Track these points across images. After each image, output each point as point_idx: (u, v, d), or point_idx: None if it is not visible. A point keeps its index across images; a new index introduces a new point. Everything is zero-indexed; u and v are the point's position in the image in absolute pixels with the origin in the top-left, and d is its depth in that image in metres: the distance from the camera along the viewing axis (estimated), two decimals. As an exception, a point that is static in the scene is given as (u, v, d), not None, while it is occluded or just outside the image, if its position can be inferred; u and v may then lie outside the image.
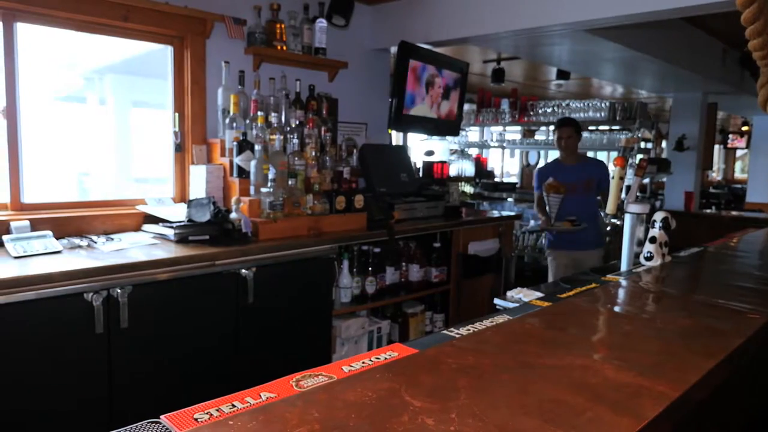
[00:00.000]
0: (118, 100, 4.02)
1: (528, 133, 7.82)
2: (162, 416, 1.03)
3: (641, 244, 2.36)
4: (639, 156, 4.98)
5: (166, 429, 0.99)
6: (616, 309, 1.82)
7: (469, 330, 1.52)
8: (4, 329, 1.89)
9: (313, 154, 3.03)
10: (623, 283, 2.07)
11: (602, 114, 5.37)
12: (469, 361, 1.29)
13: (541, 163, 8.50)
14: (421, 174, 4.21)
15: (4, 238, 2.30)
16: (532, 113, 5.93)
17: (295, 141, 3.02)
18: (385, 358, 1.30)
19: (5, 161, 2.53)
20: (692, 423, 1.37)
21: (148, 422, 1.02)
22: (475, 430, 0.96)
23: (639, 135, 5.07)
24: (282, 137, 2.95)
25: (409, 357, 1.32)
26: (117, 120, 4.00)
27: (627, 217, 2.38)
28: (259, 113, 2.90)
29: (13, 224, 2.40)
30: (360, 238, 3.06)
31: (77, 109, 3.80)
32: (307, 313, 2.77)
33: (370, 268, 3.17)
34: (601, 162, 3.91)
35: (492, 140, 6.93)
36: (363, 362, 1.27)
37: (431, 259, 3.52)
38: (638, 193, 2.41)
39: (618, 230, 4.33)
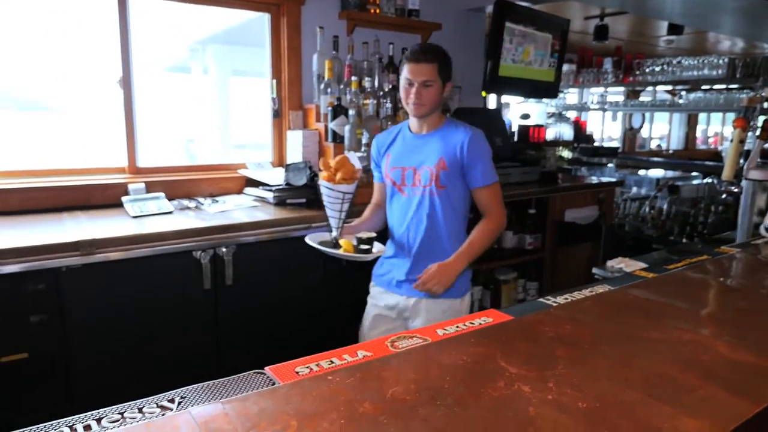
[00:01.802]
0: (220, 69, 4.20)
1: (632, 94, 7.32)
2: (266, 368, 1.08)
3: (762, 214, 2.16)
4: (762, 117, 4.51)
5: (270, 380, 1.04)
6: (730, 283, 1.69)
7: (566, 299, 1.47)
8: (124, 282, 2.07)
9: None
10: (739, 255, 1.91)
11: (719, 72, 4.89)
12: (567, 331, 1.25)
13: (638, 123, 7.85)
14: (516, 138, 4.08)
15: (124, 199, 2.51)
16: (638, 72, 5.52)
17: (388, 105, 3.01)
18: (480, 324, 1.29)
19: (122, 128, 2.73)
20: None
21: (253, 372, 1.08)
22: (573, 400, 0.94)
23: (763, 94, 4.58)
24: (375, 102, 2.95)
25: (504, 323, 1.30)
26: (219, 88, 4.19)
27: (746, 185, 2.18)
28: (352, 78, 2.92)
29: (130, 186, 2.60)
30: (452, 204, 3.02)
31: (183, 79, 4.01)
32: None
33: (462, 234, 3.13)
34: (477, 131, 1.99)
35: (592, 102, 6.56)
36: (457, 326, 1.27)
37: (525, 226, 3.43)
38: (759, 159, 2.20)
39: (736, 198, 3.98)
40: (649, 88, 6.57)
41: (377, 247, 1.94)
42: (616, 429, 0.85)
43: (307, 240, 1.93)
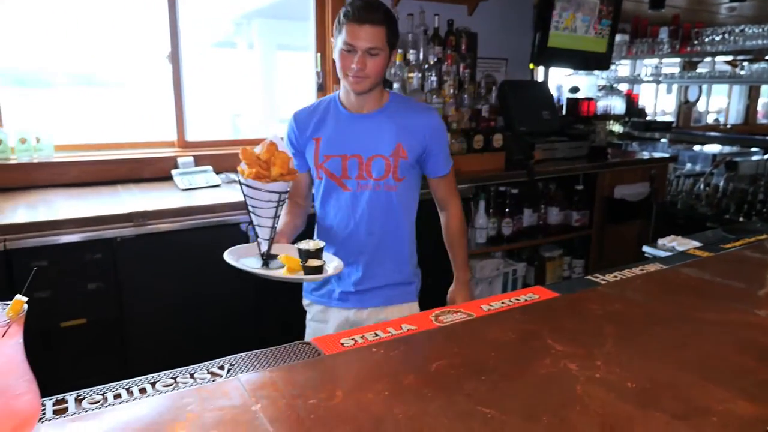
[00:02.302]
0: (265, 43, 4.21)
1: (688, 66, 6.97)
2: (311, 339, 1.10)
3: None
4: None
5: (315, 350, 1.06)
6: (794, 263, 1.61)
7: (615, 277, 1.44)
8: (174, 252, 2.14)
9: (451, 91, 2.97)
10: (803, 234, 1.82)
11: (786, 40, 4.60)
12: (616, 309, 1.22)
13: (694, 95, 7.51)
14: (564, 112, 3.96)
15: (173, 172, 2.57)
16: (696, 42, 5.25)
17: (433, 78, 2.97)
18: (525, 300, 1.28)
19: (171, 103, 2.79)
20: None
21: (299, 343, 1.10)
22: (622, 379, 0.92)
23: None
24: (420, 75, 2.92)
25: (550, 300, 1.28)
26: (264, 63, 4.21)
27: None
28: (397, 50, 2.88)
29: (179, 160, 2.66)
30: (497, 179, 2.99)
31: (229, 54, 4.05)
32: (441, 251, 2.79)
33: (506, 210, 3.10)
34: (433, 111, 1.70)
35: (645, 74, 6.29)
36: (502, 302, 1.26)
37: (572, 202, 3.35)
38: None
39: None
40: (708, 59, 6.24)
41: (332, 261, 1.40)
42: (667, 410, 0.83)
43: (228, 259, 1.34)
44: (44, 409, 0.86)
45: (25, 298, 0.67)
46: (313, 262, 1.30)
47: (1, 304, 0.69)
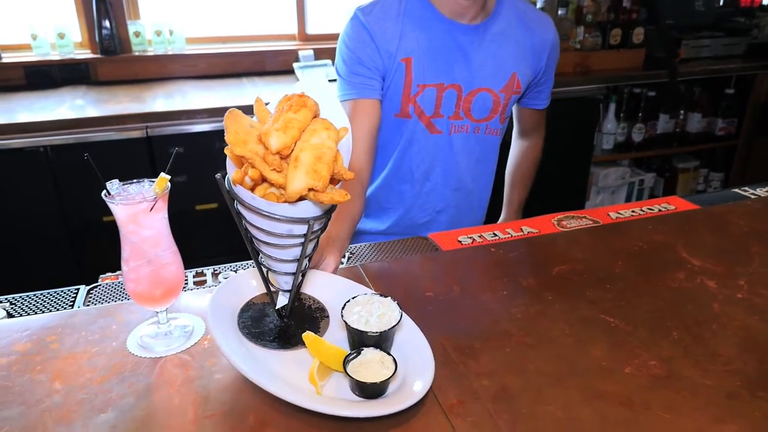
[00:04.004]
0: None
1: None
2: (428, 234, 1.10)
3: None
4: None
5: (433, 245, 1.06)
6: None
7: (769, 191, 1.28)
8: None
9: (588, -22, 2.66)
10: None
11: None
12: (766, 227, 1.09)
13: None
14: (722, 2, 3.44)
15: (295, 65, 2.60)
16: None
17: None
18: (659, 210, 1.18)
19: (293, -6, 2.76)
20: None
21: (417, 237, 1.11)
22: (771, 302, 0.83)
23: None
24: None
25: (688, 212, 1.17)
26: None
27: None
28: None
29: (300, 53, 2.68)
30: (633, 79, 2.72)
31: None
32: (563, 155, 2.65)
33: (640, 114, 2.83)
34: (549, 20, 1.23)
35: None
36: (633, 211, 1.17)
37: (719, 109, 2.98)
38: None
39: None
40: None
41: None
42: (822, 339, 0.74)
43: (213, 329, 0.67)
44: (186, 280, 0.95)
45: (169, 176, 0.71)
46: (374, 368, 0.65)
47: (147, 181, 0.74)
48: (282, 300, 0.74)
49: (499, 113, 1.20)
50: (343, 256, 1.03)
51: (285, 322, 0.74)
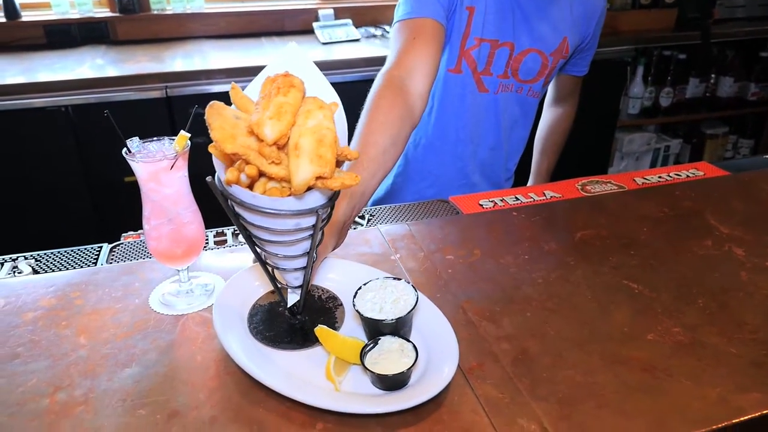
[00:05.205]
0: None
1: None
2: (450, 197, 1.09)
3: None
4: None
5: (454, 209, 1.05)
6: None
7: (804, 158, 1.24)
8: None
9: (621, -67, 2.54)
10: None
11: None
12: (802, 194, 1.06)
13: None
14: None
15: (314, 25, 2.55)
16: None
17: None
18: (687, 176, 1.15)
19: (313, -50, 2.69)
20: None
21: (437, 200, 1.10)
22: (802, 271, 0.81)
23: None
24: None
25: (717, 179, 1.14)
26: None
27: None
28: None
29: (320, 12, 2.62)
30: (663, 41, 2.62)
31: None
32: (587, 119, 2.57)
33: (668, 78, 2.74)
34: None
35: None
36: (659, 177, 1.14)
37: (752, 73, 2.87)
38: None
39: None
40: None
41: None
42: None
43: (220, 334, 0.65)
44: (207, 239, 0.96)
45: (189, 134, 0.71)
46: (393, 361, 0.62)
47: (168, 139, 0.73)
48: (293, 297, 0.70)
49: (544, 76, 1.20)
50: (362, 217, 1.03)
51: (299, 319, 0.70)
